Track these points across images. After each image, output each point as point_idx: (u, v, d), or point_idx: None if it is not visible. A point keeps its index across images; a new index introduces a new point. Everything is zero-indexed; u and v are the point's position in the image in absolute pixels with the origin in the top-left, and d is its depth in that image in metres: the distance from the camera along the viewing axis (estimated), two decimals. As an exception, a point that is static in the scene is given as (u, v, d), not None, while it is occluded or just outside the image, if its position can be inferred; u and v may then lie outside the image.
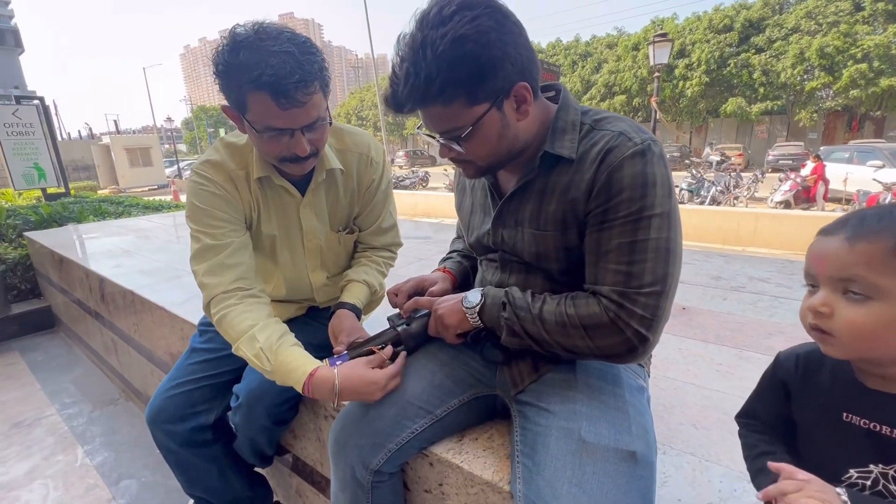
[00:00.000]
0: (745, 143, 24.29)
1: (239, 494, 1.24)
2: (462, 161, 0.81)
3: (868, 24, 19.70)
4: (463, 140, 0.75)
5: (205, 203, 1.02)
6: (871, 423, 0.53)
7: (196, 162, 1.07)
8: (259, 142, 0.95)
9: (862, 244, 0.49)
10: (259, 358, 0.91)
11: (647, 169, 0.70)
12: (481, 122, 0.73)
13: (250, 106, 0.88)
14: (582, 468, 0.66)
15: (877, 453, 0.52)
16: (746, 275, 1.98)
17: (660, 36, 8.79)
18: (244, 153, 1.07)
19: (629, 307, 0.70)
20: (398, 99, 0.72)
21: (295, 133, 0.91)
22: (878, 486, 0.52)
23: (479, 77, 0.69)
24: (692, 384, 1.12)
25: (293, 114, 0.88)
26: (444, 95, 0.70)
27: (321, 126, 0.95)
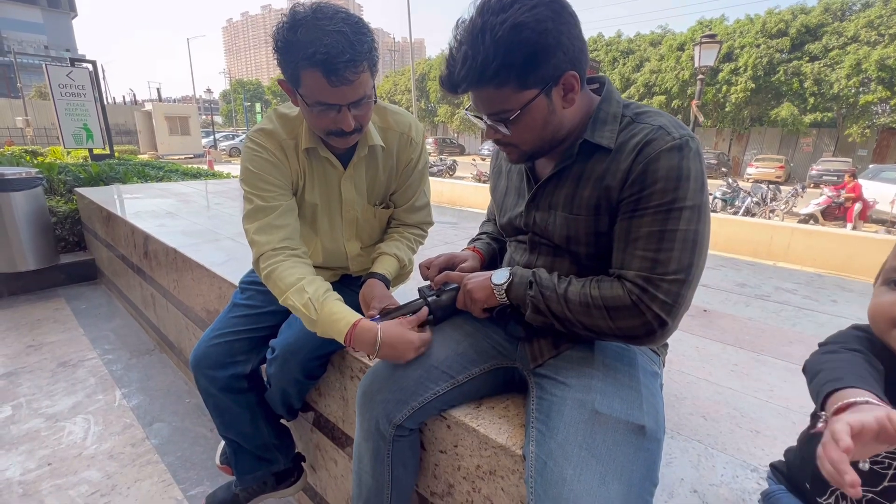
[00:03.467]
0: (788, 155, 23.28)
1: (266, 441, 1.34)
2: (507, 144, 0.86)
3: (936, 38, 18.47)
4: (510, 123, 0.80)
5: (257, 168, 1.11)
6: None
7: (251, 129, 1.16)
8: (309, 115, 1.02)
9: None
10: (307, 307, 0.99)
11: (682, 163, 0.73)
12: (529, 107, 0.77)
13: (303, 81, 0.95)
14: (593, 435, 0.72)
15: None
16: (773, 285, 1.96)
17: (708, 37, 8.49)
18: (295, 124, 1.14)
19: (652, 292, 0.74)
20: (454, 79, 0.77)
21: (342, 109, 0.98)
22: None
23: (533, 63, 0.73)
24: (706, 380, 1.15)
25: (342, 91, 0.94)
26: (497, 78, 0.74)
27: (367, 103, 1.02)
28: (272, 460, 1.38)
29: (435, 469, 1.07)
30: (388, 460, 0.96)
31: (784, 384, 1.14)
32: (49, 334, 2.93)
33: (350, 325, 0.95)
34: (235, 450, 1.34)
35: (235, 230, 2.66)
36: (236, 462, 1.36)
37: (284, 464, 1.40)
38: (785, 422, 0.99)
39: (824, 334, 0.66)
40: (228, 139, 29.95)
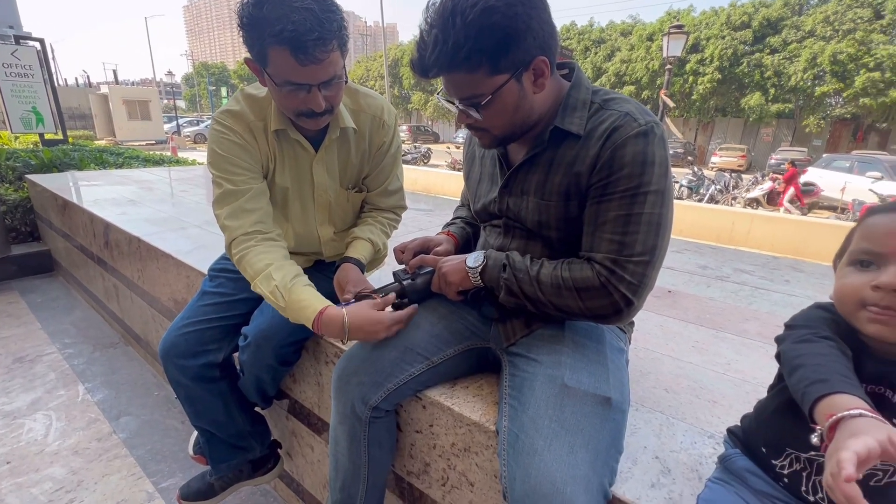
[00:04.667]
0: (749, 144, 24.25)
1: (241, 429, 1.33)
2: (478, 129, 0.87)
3: (885, 34, 19.48)
4: (482, 108, 0.80)
5: (225, 150, 1.08)
6: (877, 387, 0.56)
7: (217, 111, 1.12)
8: (278, 95, 1.00)
9: None
10: (274, 294, 0.99)
11: (647, 149, 0.76)
12: (500, 92, 0.78)
13: (271, 59, 0.92)
14: (562, 408, 0.75)
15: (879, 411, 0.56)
16: (732, 267, 2.06)
17: (676, 27, 8.68)
18: (263, 105, 1.11)
19: (619, 273, 0.77)
20: (425, 63, 0.77)
21: (312, 89, 0.96)
22: None
23: (504, 47, 0.74)
24: (668, 356, 1.21)
25: (311, 70, 0.92)
26: (469, 62, 0.75)
27: (337, 84, 1.00)
28: (247, 448, 1.37)
29: (411, 449, 1.09)
30: (364, 442, 0.97)
31: (740, 358, 1.22)
32: (2, 329, 2.78)
33: (317, 313, 0.95)
34: (209, 439, 1.32)
35: (202, 218, 2.58)
36: (210, 451, 1.34)
37: (260, 451, 1.40)
38: (740, 392, 1.06)
39: (778, 312, 0.70)
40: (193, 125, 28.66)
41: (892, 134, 22.08)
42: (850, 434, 0.43)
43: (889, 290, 0.52)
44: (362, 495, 1.01)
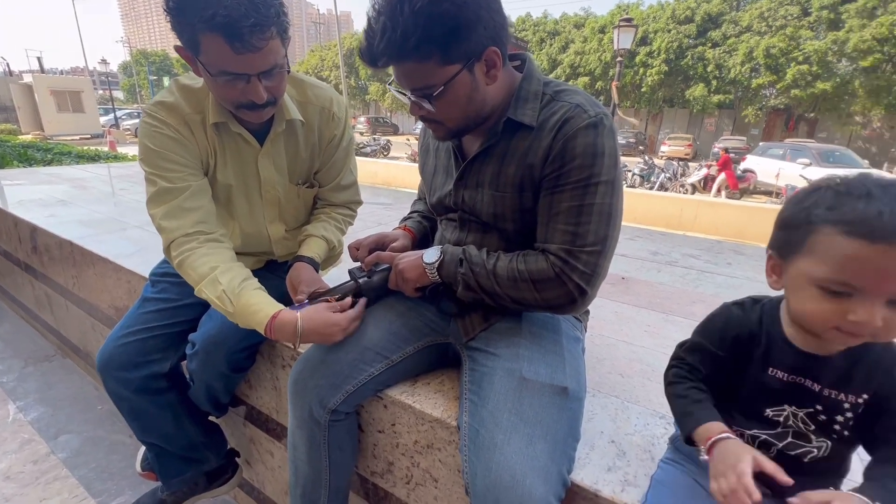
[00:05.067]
0: (695, 134, 25.55)
1: (193, 440, 1.26)
2: (432, 121, 0.85)
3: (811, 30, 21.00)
4: (434, 99, 0.78)
5: (159, 146, 1.00)
6: (796, 377, 0.60)
7: (148, 103, 1.04)
8: (214, 86, 0.93)
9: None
10: (221, 300, 0.93)
11: (597, 140, 0.77)
12: (453, 83, 0.77)
13: (203, 47, 0.86)
14: (521, 400, 0.75)
15: (794, 399, 0.61)
16: (681, 252, 2.17)
17: (625, 20, 8.95)
18: (200, 97, 1.04)
19: (573, 263, 0.78)
20: (373, 52, 0.74)
21: (251, 79, 0.90)
22: (788, 421, 0.62)
23: (454, 37, 0.72)
24: (623, 342, 1.25)
25: (248, 59, 0.86)
26: (419, 52, 0.73)
27: (279, 73, 0.94)
28: (201, 460, 1.30)
29: (374, 449, 1.07)
30: (324, 446, 0.94)
31: (688, 340, 1.28)
32: (-85, 347, 2.50)
33: (269, 318, 0.91)
34: (158, 454, 1.25)
35: (145, 218, 2.41)
36: (160, 467, 1.27)
37: (216, 461, 1.33)
38: (688, 372, 1.11)
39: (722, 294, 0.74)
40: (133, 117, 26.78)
41: (820, 123, 23.93)
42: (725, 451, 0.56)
43: (863, 325, 0.50)
44: (325, 501, 0.99)
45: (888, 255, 0.47)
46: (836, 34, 20.16)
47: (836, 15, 20.54)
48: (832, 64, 20.59)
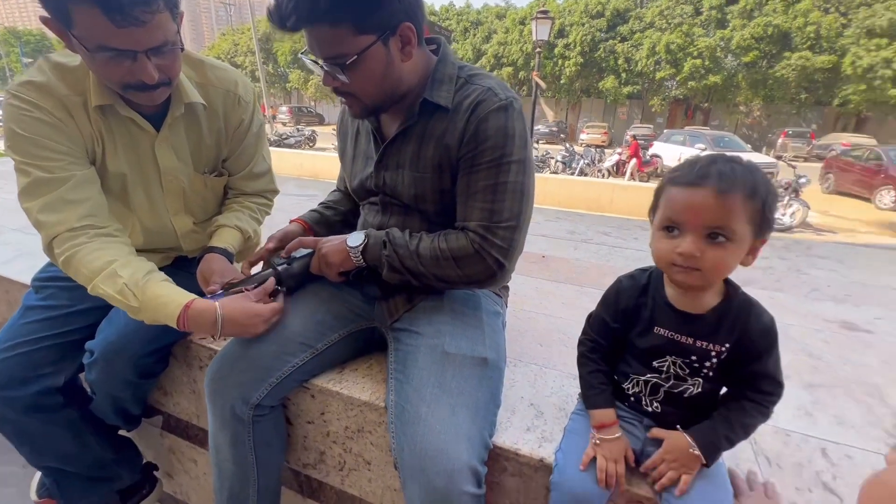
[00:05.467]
0: (610, 122, 27.42)
1: (100, 457, 1.15)
2: (347, 94, 0.84)
3: (703, 28, 23.33)
4: (347, 69, 0.77)
5: (30, 131, 0.87)
6: (672, 333, 0.70)
7: (13, 83, 0.91)
8: (93, 63, 0.83)
9: (728, 198, 0.59)
10: (123, 294, 0.84)
11: (507, 122, 0.81)
12: (366, 54, 0.76)
13: (77, 20, 0.77)
14: (444, 373, 0.78)
15: (674, 351, 0.71)
16: (595, 230, 2.34)
17: (542, 12, 9.31)
18: (79, 76, 0.92)
19: (490, 238, 0.82)
20: (282, 12, 0.72)
21: (138, 56, 0.82)
22: (670, 369, 0.72)
23: (368, 5, 0.72)
24: (543, 314, 1.34)
25: (132, 33, 0.78)
26: (330, 15, 0.72)
27: (171, 51, 0.87)
28: (112, 478, 1.20)
29: (304, 441, 1.06)
30: (249, 443, 0.91)
31: (599, 308, 1.40)
32: None
33: (182, 307, 0.84)
34: (58, 477, 1.13)
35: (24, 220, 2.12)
36: (63, 491, 1.15)
37: (130, 479, 1.23)
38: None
39: (629, 266, 0.82)
40: (5, 106, 23.00)
41: (713, 112, 26.78)
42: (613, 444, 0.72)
43: (687, 256, 0.62)
44: (254, 500, 0.96)
45: (695, 194, 0.62)
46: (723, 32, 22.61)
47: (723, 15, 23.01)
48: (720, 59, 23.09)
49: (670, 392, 0.72)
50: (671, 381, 0.72)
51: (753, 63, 22.51)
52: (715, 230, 0.61)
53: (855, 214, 9.00)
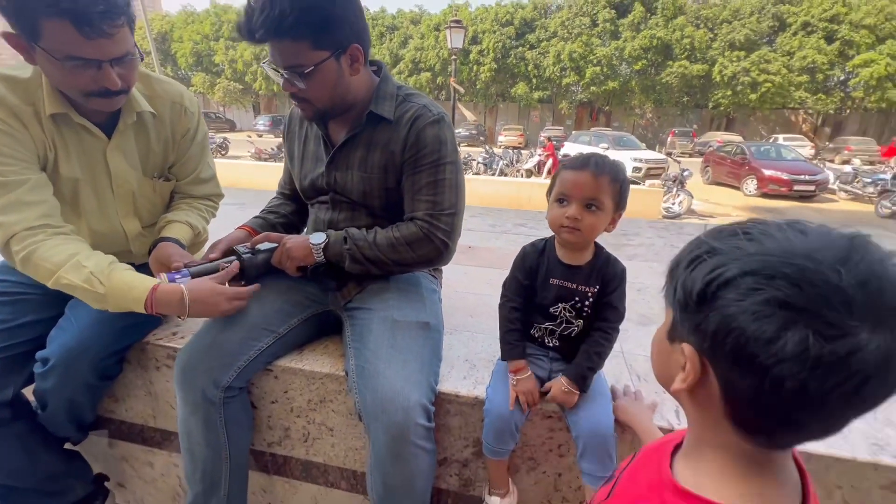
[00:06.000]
0: (524, 125, 29.07)
1: (51, 470, 1.16)
2: (302, 100, 0.99)
3: (599, 39, 25.67)
4: (305, 77, 0.93)
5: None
6: (561, 281, 0.95)
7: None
8: (60, 73, 0.90)
9: (601, 178, 0.85)
10: (90, 282, 0.90)
11: (440, 132, 1.02)
12: (322, 66, 0.93)
13: (46, 33, 0.84)
14: (395, 336, 0.96)
15: (563, 298, 0.95)
16: (513, 223, 2.64)
17: (455, 22, 9.75)
18: (29, 87, 0.97)
19: (436, 223, 1.02)
20: (252, 26, 0.87)
21: (103, 65, 0.90)
22: (562, 314, 0.95)
23: (324, 26, 0.89)
24: (471, 293, 1.56)
25: (100, 44, 0.87)
26: (293, 31, 0.87)
27: (131, 61, 0.96)
28: (64, 491, 1.20)
29: (269, 420, 1.17)
30: (220, 424, 1.01)
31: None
32: None
33: (149, 290, 0.91)
34: (6, 495, 1.12)
35: None
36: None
37: (83, 490, 1.24)
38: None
39: None
40: None
41: (613, 115, 29.53)
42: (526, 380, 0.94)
43: (572, 218, 0.87)
44: (226, 477, 1.05)
45: (580, 175, 0.87)
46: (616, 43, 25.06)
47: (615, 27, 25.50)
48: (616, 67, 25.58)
49: (562, 334, 0.97)
50: (562, 326, 0.97)
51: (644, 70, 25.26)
52: (590, 201, 0.87)
53: (729, 201, 10.54)
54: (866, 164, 14.23)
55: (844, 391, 0.33)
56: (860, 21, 22.43)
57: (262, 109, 34.10)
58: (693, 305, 0.39)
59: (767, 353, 0.34)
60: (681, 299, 0.40)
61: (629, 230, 2.52)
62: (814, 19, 23.33)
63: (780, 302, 0.33)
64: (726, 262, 0.37)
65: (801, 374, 0.33)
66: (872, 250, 0.34)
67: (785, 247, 0.36)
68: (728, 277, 0.36)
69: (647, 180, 11.02)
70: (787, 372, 0.33)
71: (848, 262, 0.33)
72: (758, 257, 0.36)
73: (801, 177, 10.53)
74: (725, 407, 0.40)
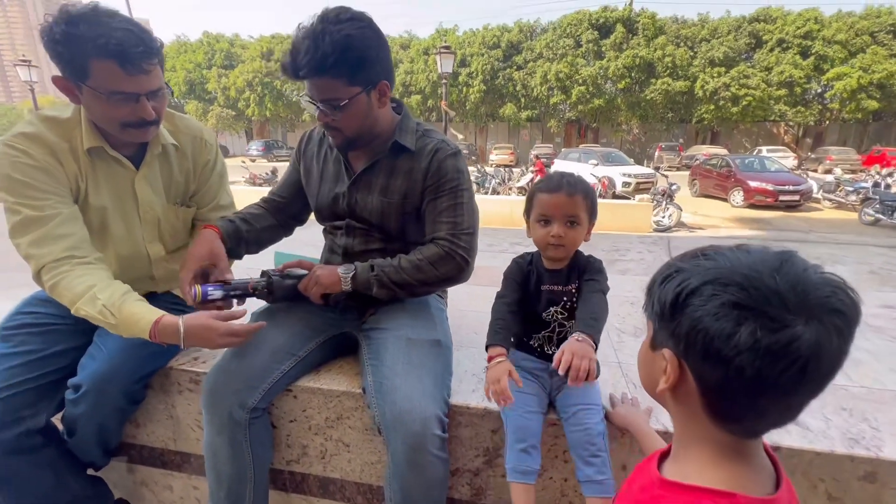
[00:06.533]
0: (515, 143, 29.61)
1: (78, 495, 1.20)
2: (334, 129, 1.10)
3: (584, 59, 26.46)
4: (340, 109, 1.04)
5: (23, 175, 1.03)
6: (550, 286, 1.05)
7: (7, 135, 1.07)
8: (104, 107, 1.03)
9: (576, 196, 0.98)
10: (103, 314, 1.00)
11: (458, 164, 1.15)
12: (355, 100, 1.04)
13: (94, 72, 0.98)
14: (409, 354, 1.04)
15: (553, 301, 1.04)
16: (509, 242, 2.75)
17: (444, 48, 10.09)
18: (67, 127, 1.10)
19: (457, 242, 1.12)
20: (297, 65, 0.99)
21: (140, 98, 1.04)
22: (555, 318, 1.04)
23: (359, 66, 1.01)
24: (473, 311, 1.64)
25: (139, 80, 1.01)
26: (333, 71, 0.99)
27: (163, 95, 1.10)
28: (89, 515, 1.24)
29: (287, 439, 1.23)
30: (246, 444, 1.07)
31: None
32: None
33: (152, 323, 1.00)
34: None
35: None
36: None
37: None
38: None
39: None
40: None
41: (601, 131, 30.18)
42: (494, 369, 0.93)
43: (557, 236, 0.99)
44: (250, 494, 1.11)
45: (557, 197, 0.99)
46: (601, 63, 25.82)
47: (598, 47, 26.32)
48: (601, 85, 26.29)
49: (559, 339, 1.06)
50: (556, 330, 1.06)
51: (628, 88, 25.97)
52: (570, 219, 0.99)
53: (717, 213, 10.79)
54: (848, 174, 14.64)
55: (791, 375, 0.41)
56: (832, 37, 23.41)
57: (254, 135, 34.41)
58: (668, 314, 0.47)
59: (728, 347, 0.41)
60: (657, 311, 0.49)
61: (621, 246, 2.63)
62: (788, 36, 24.31)
63: (734, 303, 0.42)
64: (690, 276, 0.46)
65: (755, 363, 0.41)
66: (799, 262, 0.43)
67: (734, 262, 0.44)
68: (693, 287, 0.45)
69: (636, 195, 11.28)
70: (746, 361, 0.41)
71: (781, 271, 0.42)
72: (714, 270, 0.44)
73: (785, 187, 10.83)
74: (702, 400, 0.47)
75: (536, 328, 1.08)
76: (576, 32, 26.71)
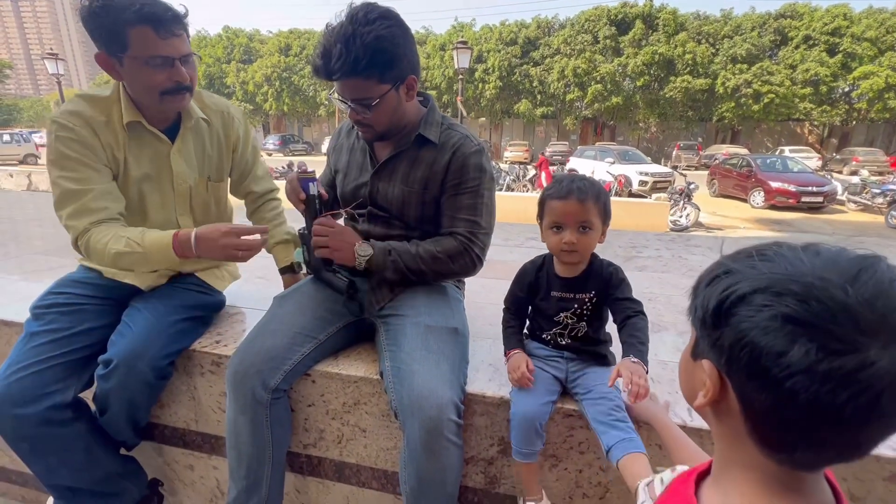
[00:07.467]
0: (529, 140, 29.42)
1: (109, 471, 1.23)
2: (365, 124, 1.12)
3: (602, 55, 26.09)
4: (371, 107, 1.06)
5: (65, 146, 1.13)
6: (561, 293, 1.04)
7: (55, 112, 1.18)
8: (144, 75, 1.10)
9: (587, 202, 0.96)
10: (130, 246, 1.10)
11: (481, 161, 1.16)
12: (385, 97, 1.06)
13: (132, 41, 1.06)
14: (427, 340, 1.05)
15: (564, 307, 1.04)
16: (524, 237, 2.74)
17: (461, 43, 10.05)
18: (107, 104, 1.19)
19: (474, 240, 1.14)
20: (329, 68, 1.00)
21: (175, 63, 1.11)
22: (565, 320, 1.04)
23: (389, 65, 1.02)
24: (489, 303, 1.64)
25: (172, 43, 1.09)
26: (365, 72, 1.01)
27: (193, 62, 1.17)
28: (120, 493, 1.28)
29: (305, 423, 1.25)
30: (266, 424, 1.10)
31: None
32: None
33: (172, 236, 1.10)
34: (70, 497, 1.21)
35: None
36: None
37: (139, 492, 1.32)
38: (535, 316, 1.54)
39: None
40: None
41: (618, 129, 29.79)
42: (514, 359, 1.02)
43: (569, 243, 0.98)
44: (268, 474, 1.13)
45: (567, 204, 0.97)
46: (619, 59, 25.44)
47: (617, 44, 25.92)
48: (619, 83, 25.91)
49: (570, 335, 1.06)
50: (568, 329, 1.06)
51: (647, 86, 25.56)
52: (583, 224, 0.98)
53: (736, 213, 10.58)
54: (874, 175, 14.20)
55: (858, 406, 0.33)
56: (862, 34, 22.64)
57: (271, 129, 34.87)
58: (710, 322, 0.40)
59: (779, 367, 0.35)
60: (700, 317, 0.42)
61: (638, 243, 2.60)
62: (815, 33, 23.61)
63: (788, 317, 0.35)
64: (739, 280, 0.39)
65: (812, 388, 0.34)
66: (883, 271, 0.35)
67: (796, 266, 0.37)
68: (740, 294, 0.38)
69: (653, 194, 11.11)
70: (799, 385, 0.34)
71: (857, 282, 0.34)
72: (768, 276, 0.37)
73: (808, 188, 10.56)
74: (746, 423, 0.40)
75: (547, 325, 1.09)
76: (594, 28, 26.35)
